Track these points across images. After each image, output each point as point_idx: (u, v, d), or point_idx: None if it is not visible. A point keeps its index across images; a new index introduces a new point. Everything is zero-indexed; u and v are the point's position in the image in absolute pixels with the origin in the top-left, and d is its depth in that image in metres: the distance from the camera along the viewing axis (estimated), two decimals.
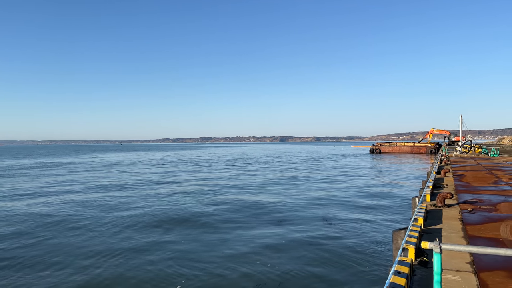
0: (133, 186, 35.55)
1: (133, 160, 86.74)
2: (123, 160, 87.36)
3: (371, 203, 24.22)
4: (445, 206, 10.91)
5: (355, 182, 36.92)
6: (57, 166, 66.89)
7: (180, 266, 12.56)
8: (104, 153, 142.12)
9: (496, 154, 41.18)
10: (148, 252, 14.16)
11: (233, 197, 27.20)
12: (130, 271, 12.20)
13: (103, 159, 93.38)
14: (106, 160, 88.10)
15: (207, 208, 22.89)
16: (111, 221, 19.76)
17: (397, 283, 4.87)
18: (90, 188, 33.96)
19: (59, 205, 25.00)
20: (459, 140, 74.89)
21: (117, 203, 25.25)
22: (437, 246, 3.99)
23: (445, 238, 7.63)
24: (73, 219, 20.44)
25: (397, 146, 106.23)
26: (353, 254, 13.67)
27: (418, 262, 6.11)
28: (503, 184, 16.15)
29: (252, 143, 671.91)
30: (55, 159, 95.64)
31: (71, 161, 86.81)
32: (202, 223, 19.06)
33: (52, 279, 11.64)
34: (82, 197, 28.54)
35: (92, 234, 17.06)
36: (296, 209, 22.43)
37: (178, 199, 26.52)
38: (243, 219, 19.73)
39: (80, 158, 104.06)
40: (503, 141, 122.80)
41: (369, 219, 19.47)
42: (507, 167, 24.93)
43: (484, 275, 5.51)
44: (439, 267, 4.06)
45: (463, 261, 6.12)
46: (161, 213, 21.49)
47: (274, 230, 17.35)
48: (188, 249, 14.47)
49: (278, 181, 38.37)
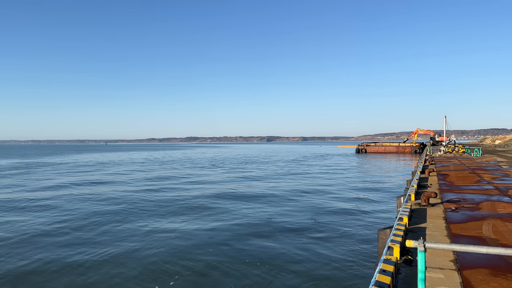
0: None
1: (125, 160, 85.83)
2: (108, 161, 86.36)
3: (357, 203, 24.43)
4: (430, 205, 11.07)
5: (341, 181, 37.19)
6: (40, 167, 65.74)
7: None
8: (88, 153, 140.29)
9: (478, 154, 41.98)
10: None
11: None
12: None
13: (85, 159, 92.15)
14: (84, 161, 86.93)
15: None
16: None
17: (383, 281, 4.92)
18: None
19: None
20: (443, 140, 76.06)
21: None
22: (421, 245, 4.04)
23: (429, 236, 7.74)
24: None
25: (383, 146, 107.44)
26: (338, 253, 13.76)
27: (403, 260, 6.18)
28: (486, 183, 16.47)
29: (239, 143, 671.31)
30: (37, 160, 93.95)
31: (52, 161, 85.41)
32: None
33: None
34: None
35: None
36: (284, 207, 22.51)
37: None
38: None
39: (61, 159, 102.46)
40: (485, 141, 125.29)
41: (354, 218, 19.63)
42: (490, 166, 25.44)
43: (467, 272, 5.61)
44: (423, 265, 4.11)
45: (446, 259, 6.22)
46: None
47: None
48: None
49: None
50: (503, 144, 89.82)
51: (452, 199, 12.25)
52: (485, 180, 17.69)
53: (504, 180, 17.67)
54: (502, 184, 16.17)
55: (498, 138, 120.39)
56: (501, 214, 9.79)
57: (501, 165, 26.83)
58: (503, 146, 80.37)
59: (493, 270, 5.70)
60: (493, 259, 6.18)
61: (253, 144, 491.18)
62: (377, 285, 4.81)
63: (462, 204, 11.37)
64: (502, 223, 8.82)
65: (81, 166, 65.49)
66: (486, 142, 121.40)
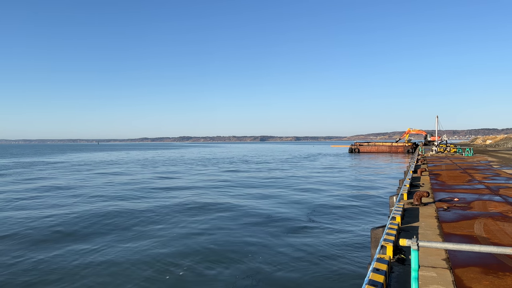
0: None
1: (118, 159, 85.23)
2: (98, 161, 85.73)
3: (350, 202, 24.53)
4: (422, 204, 11.16)
5: (334, 180, 37.31)
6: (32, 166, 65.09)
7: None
8: (78, 153, 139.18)
9: (470, 154, 42.41)
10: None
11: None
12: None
13: (76, 159, 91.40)
14: (76, 161, 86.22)
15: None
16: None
17: (376, 280, 4.95)
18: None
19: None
20: (435, 140, 76.65)
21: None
22: (414, 244, 4.07)
23: (422, 235, 7.80)
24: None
25: (376, 146, 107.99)
26: (332, 252, 13.81)
27: (396, 259, 6.22)
28: (477, 183, 16.64)
29: (232, 143, 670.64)
30: (28, 159, 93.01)
31: (36, 160, 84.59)
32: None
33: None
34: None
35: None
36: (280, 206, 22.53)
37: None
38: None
39: (51, 158, 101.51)
40: (476, 141, 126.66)
41: (347, 217, 19.71)
42: (481, 166, 25.70)
43: (459, 271, 5.66)
44: (417, 264, 4.14)
45: (439, 258, 6.27)
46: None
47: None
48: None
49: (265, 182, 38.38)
50: (494, 144, 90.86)
51: (444, 199, 12.36)
52: (476, 179, 17.87)
53: (495, 179, 17.87)
54: (493, 183, 16.35)
55: (489, 138, 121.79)
56: (492, 213, 9.90)
57: (492, 164, 27.12)
58: (493, 146, 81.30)
59: (485, 268, 5.76)
60: (484, 258, 6.25)
61: (246, 143, 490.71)
62: (371, 283, 4.83)
63: (454, 203, 11.48)
64: (493, 222, 8.92)
65: (74, 166, 64.96)
66: (477, 142, 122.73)
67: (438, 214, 9.81)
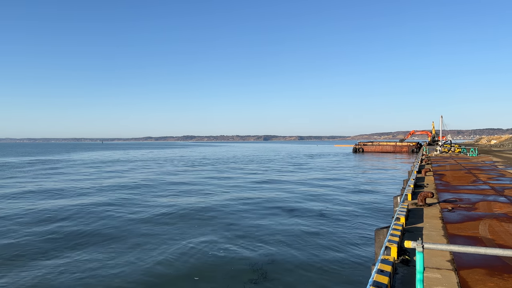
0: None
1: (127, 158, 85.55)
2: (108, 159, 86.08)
3: (354, 202, 24.48)
4: (426, 205, 11.12)
5: (339, 180, 37.25)
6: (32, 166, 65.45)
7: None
8: (83, 152, 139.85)
9: (474, 154, 42.19)
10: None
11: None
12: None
13: (82, 158, 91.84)
14: (79, 158, 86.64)
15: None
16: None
17: (380, 281, 4.94)
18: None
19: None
20: (440, 139, 76.36)
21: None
22: (420, 245, 4.06)
23: (426, 236, 7.77)
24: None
25: (380, 146, 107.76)
26: (336, 252, 13.80)
27: (400, 260, 6.21)
28: (482, 183, 16.56)
29: (236, 142, 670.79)
30: (31, 158, 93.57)
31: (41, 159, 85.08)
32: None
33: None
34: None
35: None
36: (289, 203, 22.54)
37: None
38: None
39: (57, 157, 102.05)
40: (481, 141, 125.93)
41: (351, 217, 19.67)
42: (485, 166, 25.57)
43: (464, 272, 5.64)
44: (422, 266, 4.13)
45: (443, 259, 6.25)
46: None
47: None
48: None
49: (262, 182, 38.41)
50: (499, 144, 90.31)
51: (449, 199, 12.31)
52: (481, 180, 17.78)
53: (500, 180, 17.78)
54: (498, 184, 16.27)
55: (493, 138, 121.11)
56: (497, 214, 9.85)
57: (497, 165, 26.98)
58: (498, 146, 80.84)
59: (490, 270, 5.74)
60: (489, 259, 6.22)
61: (249, 143, 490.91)
62: (375, 285, 4.82)
63: (458, 204, 11.43)
64: (498, 223, 8.87)
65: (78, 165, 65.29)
66: (482, 142, 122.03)
67: (442, 215, 9.77)
